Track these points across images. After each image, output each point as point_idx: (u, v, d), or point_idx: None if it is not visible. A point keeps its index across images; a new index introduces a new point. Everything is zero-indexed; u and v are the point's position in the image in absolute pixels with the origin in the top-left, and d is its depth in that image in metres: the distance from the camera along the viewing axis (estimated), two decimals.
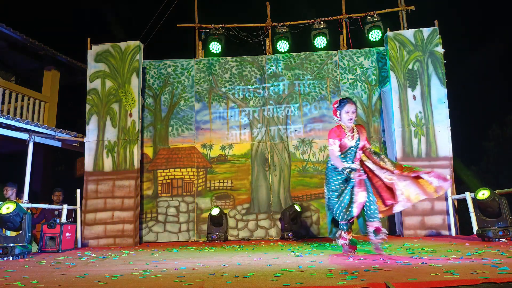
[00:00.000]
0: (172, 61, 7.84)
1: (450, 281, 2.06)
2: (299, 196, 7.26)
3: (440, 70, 6.84)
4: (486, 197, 4.83)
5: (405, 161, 6.56)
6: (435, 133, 6.65)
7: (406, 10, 7.83)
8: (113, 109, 7.06)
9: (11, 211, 4.65)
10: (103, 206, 6.72)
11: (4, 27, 7.61)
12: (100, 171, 6.85)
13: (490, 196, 4.81)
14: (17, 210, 4.71)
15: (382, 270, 2.57)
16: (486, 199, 4.83)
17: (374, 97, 7.51)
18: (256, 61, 7.83)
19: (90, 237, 6.62)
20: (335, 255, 3.91)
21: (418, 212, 6.40)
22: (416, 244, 4.80)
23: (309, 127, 7.52)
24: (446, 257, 3.21)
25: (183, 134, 7.56)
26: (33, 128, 6.84)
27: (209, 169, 7.44)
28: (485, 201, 4.84)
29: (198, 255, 4.42)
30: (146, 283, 2.46)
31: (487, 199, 4.82)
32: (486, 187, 4.97)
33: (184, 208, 7.29)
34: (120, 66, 7.19)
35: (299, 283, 2.20)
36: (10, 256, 4.48)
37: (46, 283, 2.56)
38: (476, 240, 4.97)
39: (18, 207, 4.74)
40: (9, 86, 8.05)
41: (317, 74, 7.68)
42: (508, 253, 3.28)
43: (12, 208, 4.67)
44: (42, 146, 7.61)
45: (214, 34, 7.95)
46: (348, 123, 4.01)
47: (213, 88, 7.74)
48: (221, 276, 2.59)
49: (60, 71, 9.47)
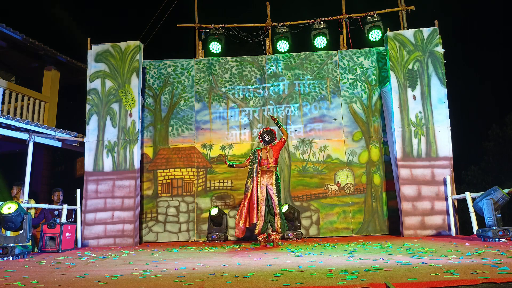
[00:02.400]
0: (172, 61, 7.84)
1: (450, 281, 2.06)
2: (299, 196, 7.26)
3: (440, 70, 6.84)
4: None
5: (405, 161, 6.57)
6: (435, 133, 6.65)
7: (406, 10, 7.83)
8: (113, 109, 7.06)
9: (13, 212, 4.65)
10: (103, 206, 6.72)
11: (4, 27, 7.61)
12: (100, 171, 6.85)
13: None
14: (18, 211, 4.71)
15: (382, 270, 2.57)
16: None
17: (374, 97, 7.51)
18: (256, 61, 7.83)
19: (90, 237, 6.61)
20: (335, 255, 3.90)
21: (418, 212, 6.39)
22: (416, 244, 4.79)
23: (309, 127, 7.51)
24: (446, 257, 3.21)
25: (183, 134, 7.57)
26: (33, 128, 6.84)
27: (209, 169, 7.44)
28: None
29: (198, 255, 4.42)
30: (146, 283, 2.46)
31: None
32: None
33: (184, 208, 7.29)
34: (120, 66, 7.19)
35: (299, 283, 2.20)
36: (10, 256, 4.47)
37: (46, 283, 2.56)
38: (476, 240, 4.96)
39: (19, 208, 4.74)
40: (9, 86, 8.05)
41: (317, 74, 7.68)
42: (508, 253, 3.28)
43: (14, 208, 4.67)
44: (42, 146, 7.61)
45: (214, 34, 7.95)
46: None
47: (213, 88, 7.74)
48: (221, 276, 2.59)
49: (60, 71, 9.47)
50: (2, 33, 7.76)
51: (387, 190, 7.16)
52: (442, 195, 6.40)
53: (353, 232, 7.05)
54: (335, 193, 7.24)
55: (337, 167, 7.32)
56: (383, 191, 7.18)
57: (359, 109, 7.49)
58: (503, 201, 4.84)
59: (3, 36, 7.91)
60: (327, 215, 7.15)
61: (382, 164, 7.28)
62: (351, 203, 7.18)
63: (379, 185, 7.22)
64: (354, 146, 7.37)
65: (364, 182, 7.24)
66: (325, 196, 7.23)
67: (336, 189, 7.25)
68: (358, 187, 7.23)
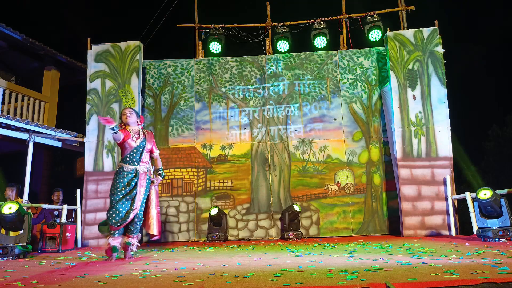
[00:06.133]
0: (172, 61, 7.84)
1: (450, 281, 2.05)
2: (299, 196, 7.26)
3: (440, 70, 6.84)
4: (488, 197, 4.81)
5: (405, 161, 6.57)
6: (435, 133, 6.65)
7: (406, 10, 7.83)
8: (113, 109, 7.06)
9: (14, 212, 4.65)
10: (103, 206, 6.72)
11: (4, 27, 7.61)
12: (100, 171, 6.85)
13: (492, 196, 4.80)
14: (19, 211, 4.71)
15: (382, 270, 2.57)
16: (488, 199, 4.81)
17: (374, 97, 7.51)
18: (256, 61, 7.83)
19: (90, 237, 6.61)
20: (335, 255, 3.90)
21: (418, 212, 6.40)
22: (416, 244, 4.79)
23: (309, 127, 7.51)
24: (446, 257, 3.21)
25: (183, 134, 7.57)
26: (33, 128, 6.85)
27: (209, 169, 7.44)
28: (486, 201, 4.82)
29: (198, 255, 4.42)
30: (146, 283, 2.45)
31: (489, 199, 4.80)
32: (487, 187, 4.95)
33: (184, 208, 7.29)
34: (120, 66, 7.19)
35: (299, 283, 2.20)
36: (10, 256, 4.47)
37: (46, 283, 2.56)
38: (476, 240, 4.96)
39: (20, 208, 4.74)
40: (9, 86, 8.05)
41: (317, 74, 7.68)
42: (508, 253, 3.27)
43: (15, 208, 4.67)
44: (42, 146, 7.61)
45: (214, 34, 7.95)
46: (131, 124, 4.29)
47: (213, 88, 7.74)
48: (221, 276, 2.58)
49: (60, 71, 9.47)
50: (2, 33, 7.76)
51: (387, 190, 7.16)
52: (442, 195, 6.40)
53: (353, 232, 7.05)
54: (335, 193, 7.24)
55: (337, 167, 7.32)
56: (383, 191, 7.18)
57: (359, 109, 7.49)
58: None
59: (3, 36, 7.91)
60: (327, 215, 7.15)
61: (382, 164, 7.28)
62: (351, 203, 7.18)
63: (379, 185, 7.22)
64: (354, 146, 7.37)
65: (364, 182, 7.24)
66: (325, 196, 7.23)
67: (336, 189, 7.25)
68: (358, 187, 7.23)
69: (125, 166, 4.14)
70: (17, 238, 4.73)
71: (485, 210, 4.90)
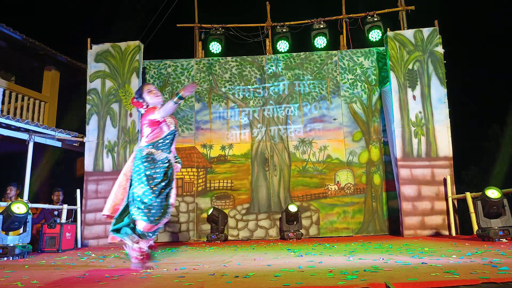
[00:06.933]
0: (172, 61, 7.84)
1: (450, 281, 2.05)
2: (299, 196, 7.26)
3: (440, 70, 6.84)
4: (498, 197, 4.79)
5: (406, 161, 6.57)
6: (435, 133, 6.65)
7: (406, 10, 7.83)
8: (113, 109, 7.07)
9: (23, 213, 4.65)
10: (103, 206, 6.70)
11: (4, 27, 7.61)
12: (100, 171, 6.85)
13: (501, 196, 4.78)
14: (27, 212, 4.72)
15: (382, 270, 2.57)
16: (497, 198, 4.79)
17: (374, 97, 7.51)
18: (256, 61, 7.83)
19: (90, 237, 6.61)
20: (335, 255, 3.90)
21: (418, 212, 6.40)
22: (416, 244, 4.79)
23: (309, 127, 7.51)
24: (446, 257, 3.21)
25: (183, 134, 7.56)
26: (33, 128, 6.85)
27: (209, 169, 7.44)
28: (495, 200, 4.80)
29: (198, 255, 4.42)
30: (146, 283, 2.45)
31: (499, 198, 4.78)
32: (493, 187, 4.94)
33: (184, 208, 7.29)
34: (120, 66, 7.19)
35: (299, 283, 2.20)
36: (10, 256, 4.48)
37: (46, 283, 2.56)
38: (476, 240, 4.96)
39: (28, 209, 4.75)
40: (9, 86, 8.04)
41: (317, 74, 7.68)
42: (508, 253, 3.27)
43: (24, 209, 4.67)
44: (42, 146, 7.61)
45: (214, 34, 7.95)
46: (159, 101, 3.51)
47: (213, 88, 7.74)
48: (221, 276, 2.58)
49: (60, 71, 9.47)
50: (2, 33, 7.76)
51: (387, 190, 7.16)
52: (442, 195, 6.40)
53: (353, 232, 7.05)
54: (335, 193, 7.24)
55: (337, 167, 7.32)
56: (383, 191, 7.18)
57: (359, 109, 7.49)
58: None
59: (3, 36, 7.91)
60: (327, 215, 7.15)
61: (382, 164, 7.28)
62: (351, 203, 7.18)
63: (379, 185, 7.22)
64: (354, 146, 7.37)
65: (364, 182, 7.24)
66: (325, 196, 7.23)
67: (336, 189, 7.25)
68: (358, 187, 7.23)
69: (156, 153, 3.38)
70: (17, 238, 4.73)
71: (491, 209, 4.87)
